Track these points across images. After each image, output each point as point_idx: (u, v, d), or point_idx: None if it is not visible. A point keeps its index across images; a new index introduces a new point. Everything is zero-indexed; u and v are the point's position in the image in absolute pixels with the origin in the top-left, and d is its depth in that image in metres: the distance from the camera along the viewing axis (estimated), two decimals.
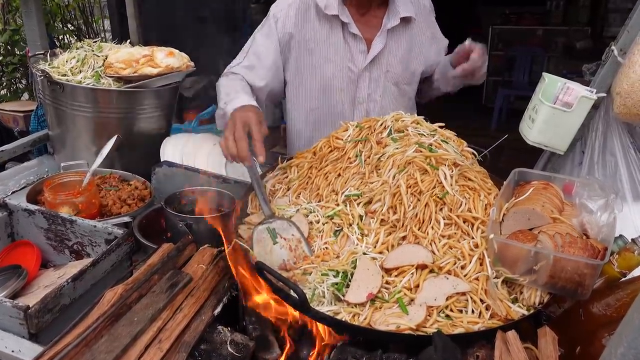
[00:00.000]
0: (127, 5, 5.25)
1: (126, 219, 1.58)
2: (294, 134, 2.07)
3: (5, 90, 5.21)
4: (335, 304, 1.16)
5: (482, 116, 6.81)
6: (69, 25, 5.94)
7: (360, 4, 1.88)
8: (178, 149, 1.92)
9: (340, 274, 1.19)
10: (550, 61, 6.70)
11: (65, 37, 5.86)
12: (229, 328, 1.15)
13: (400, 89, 1.99)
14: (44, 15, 5.10)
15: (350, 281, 1.18)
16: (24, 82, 5.32)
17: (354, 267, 1.21)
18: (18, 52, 5.15)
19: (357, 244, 1.28)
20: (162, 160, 1.86)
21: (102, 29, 6.34)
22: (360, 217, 1.34)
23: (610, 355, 0.84)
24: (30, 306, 1.10)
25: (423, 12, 1.98)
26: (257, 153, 1.40)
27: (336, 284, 1.16)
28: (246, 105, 1.60)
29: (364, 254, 1.24)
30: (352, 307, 1.14)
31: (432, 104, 2.25)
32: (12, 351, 1.11)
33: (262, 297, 1.21)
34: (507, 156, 2.97)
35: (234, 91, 1.74)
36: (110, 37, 5.73)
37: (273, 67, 1.92)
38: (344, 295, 1.15)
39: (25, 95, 5.25)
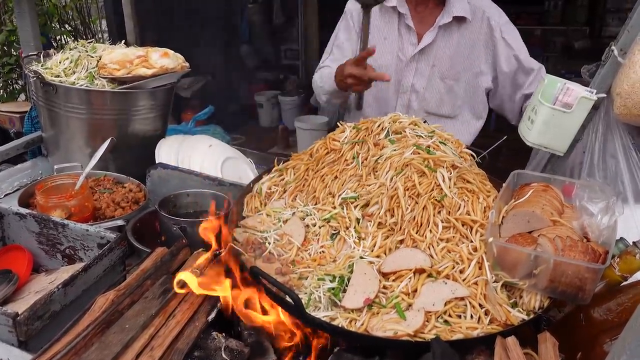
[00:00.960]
0: (124, 6, 5.23)
1: (120, 222, 1.56)
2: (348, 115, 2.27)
3: (1, 91, 5.18)
4: (331, 309, 1.14)
5: None
6: (66, 26, 5.91)
7: (419, 1, 2.06)
8: (173, 150, 1.90)
9: (337, 279, 1.17)
10: (549, 61, 6.68)
11: (62, 37, 5.83)
12: (224, 334, 1.13)
13: (446, 84, 2.09)
14: (41, 15, 5.08)
15: (347, 286, 1.16)
16: (20, 83, 5.29)
17: (351, 272, 1.19)
18: (14, 53, 5.12)
19: (354, 248, 1.26)
20: (157, 162, 1.84)
21: (100, 29, 6.31)
22: (357, 220, 1.31)
23: None
24: (20, 313, 1.08)
25: (484, 21, 2.06)
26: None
27: (332, 289, 1.14)
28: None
29: (361, 257, 1.22)
30: (349, 313, 1.12)
31: None
32: (1, 359, 1.08)
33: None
34: (506, 156, 2.95)
35: (326, 77, 2.05)
36: (108, 37, 5.70)
37: (353, 54, 2.08)
38: (340, 301, 1.13)
39: (22, 97, 5.22)
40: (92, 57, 1.89)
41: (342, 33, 2.18)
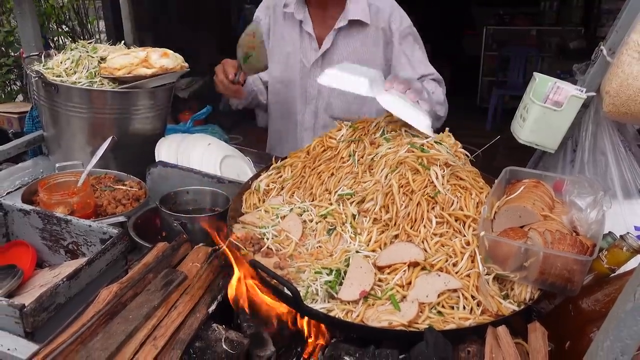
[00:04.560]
0: (121, 7, 5.25)
1: (121, 218, 1.59)
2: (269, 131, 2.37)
3: None
4: (328, 302, 1.17)
5: (476, 116, 6.84)
6: (64, 27, 5.93)
7: (318, 4, 2.03)
8: (173, 149, 1.93)
9: (334, 272, 1.20)
10: (544, 61, 6.74)
11: (59, 38, 5.85)
12: (224, 326, 1.16)
13: None
14: (39, 16, 5.10)
15: (343, 279, 1.19)
16: (18, 83, 5.31)
17: (347, 265, 1.22)
18: (12, 54, 5.14)
19: (350, 242, 1.30)
20: (157, 161, 1.87)
21: (97, 30, 6.33)
22: (353, 215, 1.35)
23: (597, 349, 0.85)
24: (26, 305, 1.11)
25: (385, 25, 2.02)
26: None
27: (329, 281, 1.18)
28: None
29: (357, 252, 1.26)
30: (345, 305, 1.15)
31: None
32: (8, 349, 1.12)
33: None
34: (501, 155, 2.99)
35: None
36: (105, 38, 5.72)
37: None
38: (337, 293, 1.16)
39: (20, 97, 5.24)
40: (93, 57, 1.92)
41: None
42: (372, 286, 1.17)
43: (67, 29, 5.96)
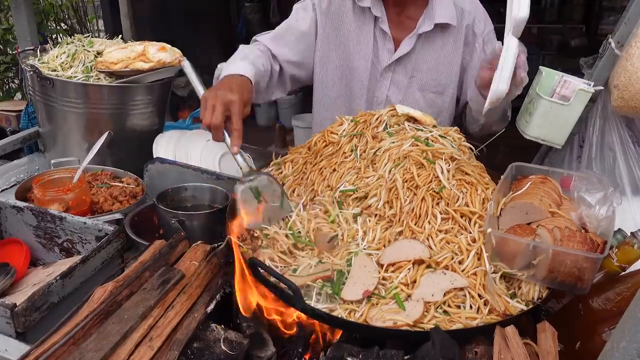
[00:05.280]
0: (120, 5, 5.22)
1: (117, 215, 1.55)
2: (316, 125, 2.03)
3: None
4: (330, 301, 1.13)
5: None
6: (62, 25, 5.89)
7: (396, 3, 1.79)
8: (171, 145, 1.89)
9: (336, 274, 1.16)
10: (545, 59, 6.70)
11: (58, 36, 5.81)
12: (223, 326, 1.13)
13: (426, 97, 1.87)
14: (37, 14, 5.06)
15: (346, 279, 1.16)
16: (16, 81, 5.27)
17: (350, 265, 1.18)
18: (10, 52, 5.10)
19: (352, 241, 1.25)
20: (154, 157, 1.83)
21: (96, 28, 6.29)
22: (355, 216, 1.30)
23: (612, 350, 0.82)
24: (17, 304, 1.07)
25: (469, 27, 1.84)
26: (231, 144, 1.34)
27: (329, 285, 1.14)
28: (236, 74, 1.50)
29: (362, 250, 1.22)
30: (348, 304, 1.11)
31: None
32: None
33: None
34: (502, 154, 2.95)
35: (239, 55, 1.66)
36: (104, 36, 5.68)
37: (305, 38, 1.85)
38: (338, 294, 1.12)
39: (18, 95, 5.20)
40: (89, 51, 1.88)
41: (297, 11, 1.88)
42: (375, 286, 1.13)
43: (65, 27, 5.92)
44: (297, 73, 1.89)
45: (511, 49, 1.32)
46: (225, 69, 1.56)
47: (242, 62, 1.58)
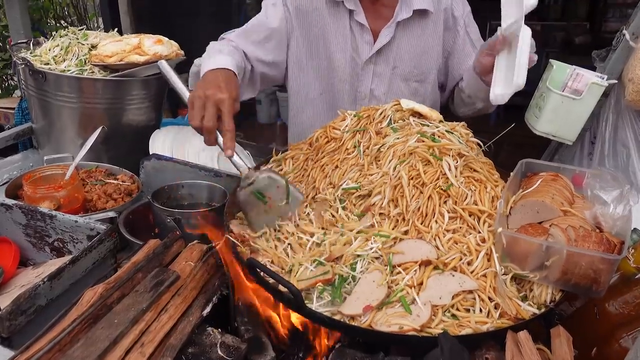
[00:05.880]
0: (119, 2, 5.16)
1: (111, 214, 1.50)
2: (293, 125, 1.96)
3: None
4: (332, 304, 1.08)
5: None
6: (62, 22, 5.84)
7: None
8: (168, 141, 1.84)
9: (338, 278, 1.10)
10: (549, 56, 6.62)
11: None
12: (219, 329, 1.07)
13: (410, 86, 1.84)
14: (37, 10, 5.01)
15: (348, 284, 1.10)
16: (15, 78, 5.23)
17: (354, 269, 1.12)
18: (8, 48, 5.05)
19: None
20: (151, 153, 1.78)
21: (96, 25, 6.24)
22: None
23: (636, 357, 0.76)
24: (2, 308, 1.02)
25: (447, 11, 1.80)
26: (225, 146, 1.26)
27: (329, 290, 1.08)
28: (221, 69, 1.42)
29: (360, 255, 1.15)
30: None
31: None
32: None
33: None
34: (506, 152, 2.89)
35: (214, 50, 1.58)
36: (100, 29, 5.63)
37: (275, 35, 1.77)
38: (340, 300, 1.06)
39: (17, 93, 5.16)
40: (83, 44, 1.82)
41: (267, 8, 1.80)
42: (380, 301, 1.05)
43: (65, 24, 5.87)
44: (267, 72, 1.82)
45: (526, 42, 1.26)
46: (204, 64, 1.48)
47: (221, 56, 1.51)
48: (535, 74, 1.47)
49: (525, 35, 1.25)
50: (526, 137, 1.57)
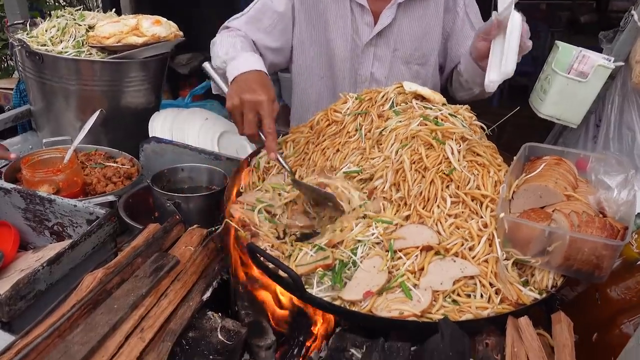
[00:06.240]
0: None
1: (111, 197, 1.49)
2: (296, 107, 1.94)
3: None
4: (332, 289, 1.07)
5: None
6: (61, 1, 5.76)
7: None
8: (167, 124, 1.82)
9: (338, 263, 1.10)
10: (554, 36, 6.52)
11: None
12: (220, 314, 1.07)
13: (411, 69, 1.80)
14: None
15: (348, 269, 1.09)
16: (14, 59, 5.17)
17: (355, 254, 1.11)
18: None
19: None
20: (150, 136, 1.77)
21: (95, 4, 6.15)
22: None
23: (638, 346, 0.76)
24: (1, 293, 1.02)
25: None
26: (267, 149, 1.29)
27: (329, 275, 1.08)
28: (252, 71, 1.41)
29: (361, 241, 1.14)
30: None
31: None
32: None
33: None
34: (509, 134, 2.86)
35: (234, 48, 1.55)
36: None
37: (281, 20, 1.74)
38: (341, 285, 1.06)
39: (17, 74, 5.11)
40: (80, 25, 1.79)
41: (278, 3, 1.73)
42: (380, 287, 1.05)
43: (64, 3, 5.78)
44: (275, 59, 1.80)
45: (516, 27, 1.23)
46: (231, 66, 1.45)
47: (246, 55, 1.49)
48: (542, 55, 1.45)
49: (515, 21, 1.22)
50: (530, 119, 1.54)
